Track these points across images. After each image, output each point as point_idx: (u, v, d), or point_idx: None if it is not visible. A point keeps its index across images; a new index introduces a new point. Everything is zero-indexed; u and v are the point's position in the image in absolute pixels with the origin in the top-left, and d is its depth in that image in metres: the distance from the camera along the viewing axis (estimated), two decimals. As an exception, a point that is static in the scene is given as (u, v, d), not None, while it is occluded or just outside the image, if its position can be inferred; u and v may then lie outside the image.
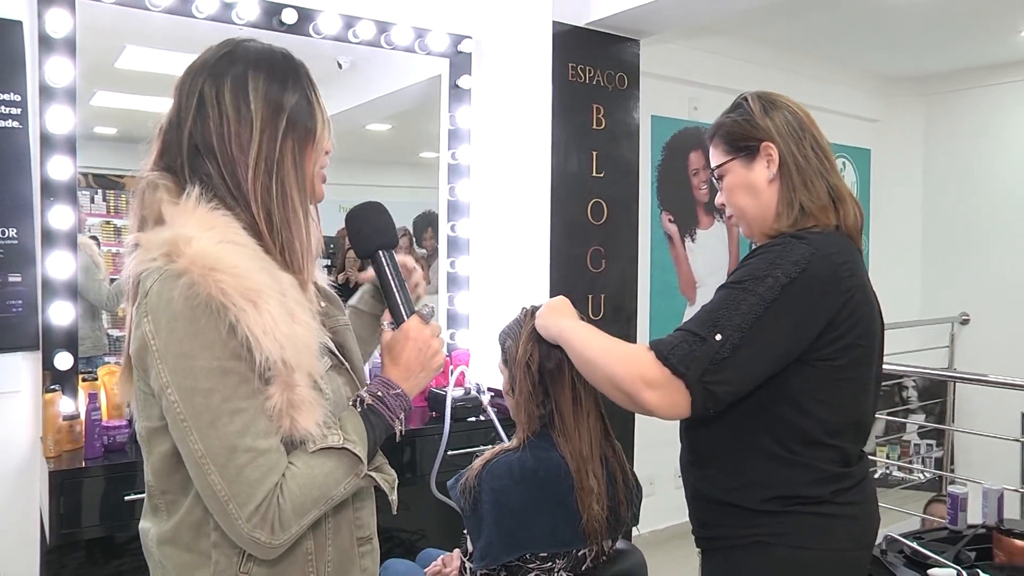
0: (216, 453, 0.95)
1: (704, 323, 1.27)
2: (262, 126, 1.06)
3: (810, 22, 4.22)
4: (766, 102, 1.45)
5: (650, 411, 1.28)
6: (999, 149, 5.07)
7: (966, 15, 4.14)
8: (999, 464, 3.40)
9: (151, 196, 1.06)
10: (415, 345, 1.15)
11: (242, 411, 0.96)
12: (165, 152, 1.09)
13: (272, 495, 0.97)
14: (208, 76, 1.07)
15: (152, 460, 1.06)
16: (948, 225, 5.28)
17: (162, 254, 0.98)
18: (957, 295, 5.15)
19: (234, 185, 1.05)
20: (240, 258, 0.99)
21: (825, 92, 4.80)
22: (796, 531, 1.33)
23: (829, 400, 1.32)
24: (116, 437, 2.17)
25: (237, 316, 0.95)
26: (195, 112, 1.06)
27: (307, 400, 1.00)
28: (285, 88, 1.09)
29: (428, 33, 3.02)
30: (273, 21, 2.64)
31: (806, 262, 1.27)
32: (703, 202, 4.53)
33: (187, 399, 0.95)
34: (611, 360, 1.33)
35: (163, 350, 0.96)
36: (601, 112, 3.13)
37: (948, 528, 2.04)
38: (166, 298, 0.96)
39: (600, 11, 2.99)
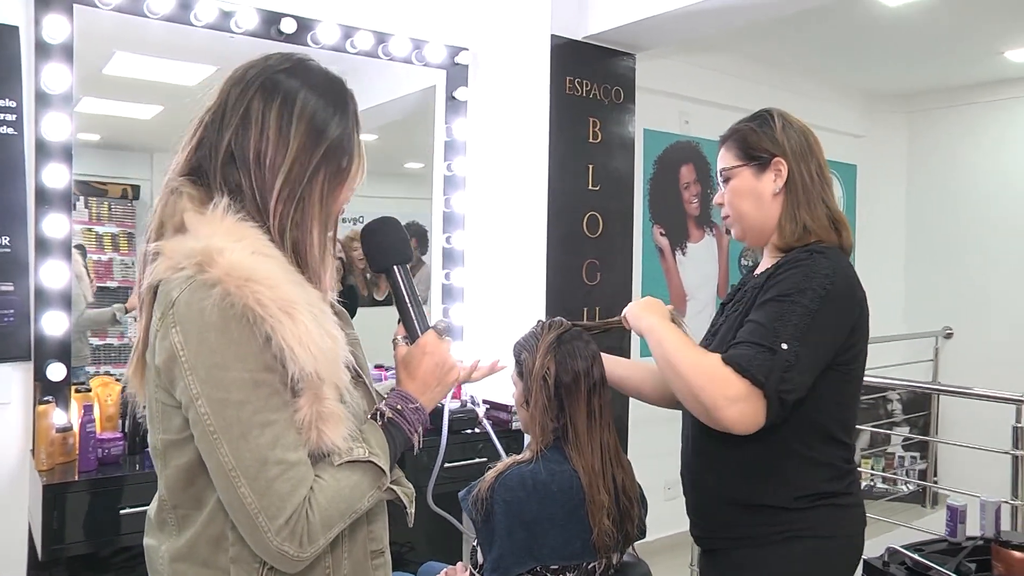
0: (247, 465, 0.94)
1: (766, 335, 1.35)
2: (297, 153, 1.05)
3: (800, 40, 4.28)
4: (786, 120, 1.55)
5: (727, 427, 1.34)
6: (981, 165, 5.16)
7: (950, 35, 4.22)
8: (983, 476, 3.44)
9: (174, 203, 1.05)
10: (432, 360, 1.16)
11: (273, 423, 0.96)
12: (199, 148, 1.08)
13: (301, 508, 0.96)
14: (260, 89, 1.06)
15: (167, 473, 1.04)
16: (931, 240, 5.36)
17: (192, 264, 0.96)
18: (940, 309, 5.22)
19: (261, 201, 1.05)
20: (274, 270, 0.98)
21: (812, 108, 4.86)
22: (821, 523, 1.44)
23: (841, 400, 1.46)
24: (111, 450, 2.14)
25: (273, 327, 0.94)
26: (239, 122, 1.05)
27: (335, 413, 1.00)
28: (330, 120, 1.08)
29: (425, 44, 3.02)
30: (272, 30, 2.62)
31: (834, 275, 1.40)
32: (694, 216, 4.56)
33: (218, 411, 0.94)
34: (696, 374, 1.36)
35: (193, 361, 0.95)
36: (597, 125, 3.15)
37: (947, 540, 2.08)
38: (196, 308, 0.95)
39: (598, 25, 3.01)
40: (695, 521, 1.60)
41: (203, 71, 2.78)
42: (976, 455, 3.61)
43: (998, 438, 3.03)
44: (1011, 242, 4.98)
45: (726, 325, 1.55)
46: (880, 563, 1.92)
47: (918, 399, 5.03)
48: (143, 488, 2.07)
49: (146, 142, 2.81)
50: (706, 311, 4.65)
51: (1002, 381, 4.13)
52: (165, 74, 2.76)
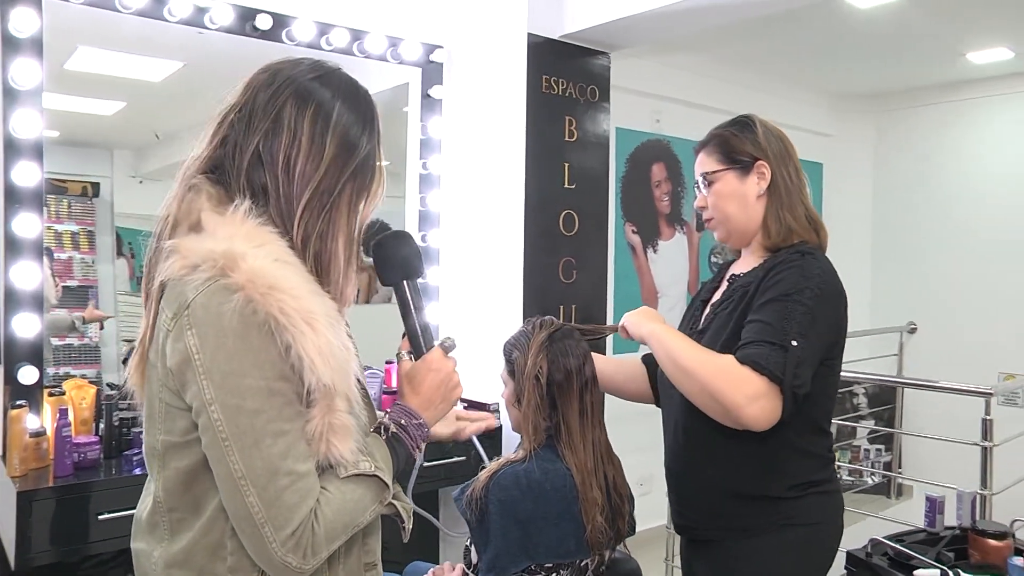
0: (257, 475, 0.93)
1: (776, 334, 1.40)
2: (329, 163, 1.04)
3: (771, 42, 4.33)
4: (766, 126, 1.62)
5: (748, 424, 1.38)
6: (945, 165, 5.28)
7: (916, 38, 4.31)
8: (946, 467, 3.53)
9: (191, 200, 1.03)
10: (437, 377, 1.17)
11: (285, 433, 0.95)
12: (222, 145, 1.06)
13: (308, 520, 0.95)
14: (294, 94, 1.05)
15: (165, 475, 1.02)
16: (896, 237, 5.47)
17: (212, 266, 0.95)
18: (905, 305, 5.34)
19: (286, 207, 1.03)
20: (296, 279, 0.98)
21: (781, 107, 4.93)
22: (810, 511, 1.52)
23: (826, 391, 1.54)
24: (87, 454, 2.09)
25: (294, 337, 0.93)
26: (270, 125, 1.03)
27: (345, 425, 0.99)
28: (363, 133, 1.08)
29: (401, 42, 3.00)
30: (247, 26, 2.59)
31: (825, 275, 1.48)
32: (665, 214, 4.60)
33: (231, 418, 0.93)
34: (713, 376, 1.40)
35: (209, 365, 0.93)
36: (573, 124, 3.16)
37: (926, 531, 2.15)
38: (215, 312, 0.93)
39: (574, 24, 3.02)
40: (684, 513, 1.64)
41: (169, 67, 2.74)
42: (938, 447, 3.71)
43: (960, 430, 3.12)
44: (973, 239, 5.10)
45: (717, 322, 1.58)
46: (863, 554, 1.98)
47: (882, 393, 5.14)
48: (122, 493, 2.03)
49: (107, 139, 2.76)
50: (677, 308, 4.70)
51: (964, 375, 4.24)
52: (129, 70, 2.71)
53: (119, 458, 2.17)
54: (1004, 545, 1.92)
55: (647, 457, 2.48)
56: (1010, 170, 4.98)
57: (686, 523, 1.64)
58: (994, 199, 5.04)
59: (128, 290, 2.77)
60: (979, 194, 5.11)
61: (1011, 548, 1.93)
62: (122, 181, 2.76)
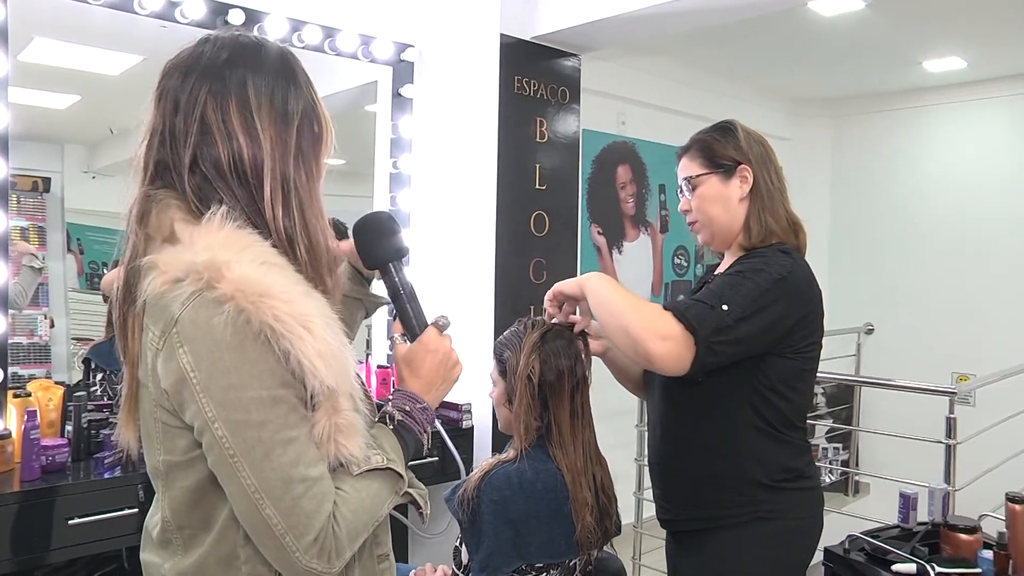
0: (271, 486, 0.90)
1: (711, 296, 1.44)
2: (272, 145, 0.99)
3: (735, 47, 4.41)
4: (747, 132, 1.67)
5: (654, 360, 1.40)
6: (900, 169, 5.43)
7: (875, 46, 4.42)
8: (904, 465, 3.62)
9: (161, 214, 0.98)
10: (435, 357, 1.14)
11: (293, 440, 0.92)
12: (161, 172, 1.00)
13: (328, 523, 0.93)
14: (209, 93, 0.98)
15: (171, 495, 1.00)
16: (853, 239, 5.60)
17: (198, 279, 0.91)
18: (862, 306, 5.46)
19: (252, 211, 0.99)
20: (286, 282, 0.94)
21: (742, 111, 4.98)
22: (789, 505, 1.55)
23: (799, 387, 1.57)
24: (55, 457, 2.03)
25: (292, 343, 0.90)
26: (198, 137, 0.98)
27: (352, 424, 0.97)
28: (288, 94, 1.02)
29: (373, 40, 2.98)
30: (218, 21, 2.54)
31: (791, 266, 1.53)
32: (630, 215, 4.65)
33: (237, 433, 0.90)
34: (630, 312, 1.43)
35: (207, 383, 0.90)
36: (544, 125, 3.17)
37: (900, 526, 2.21)
38: (204, 326, 0.90)
39: (546, 26, 3.03)
40: (666, 507, 1.67)
41: (127, 60, 2.68)
42: (894, 445, 3.81)
43: (917, 428, 3.21)
44: (928, 242, 5.26)
45: None
46: (841, 550, 2.02)
47: (840, 392, 5.26)
48: (92, 497, 1.99)
49: (59, 133, 2.70)
50: (642, 309, 4.74)
51: (919, 375, 4.36)
52: (87, 62, 2.64)
53: (88, 461, 2.12)
54: (974, 539, 1.98)
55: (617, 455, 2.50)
56: (962, 175, 5.15)
57: (669, 516, 1.67)
58: (947, 203, 5.20)
59: (78, 287, 2.70)
60: (933, 198, 5.26)
61: (980, 542, 1.99)
62: (74, 176, 2.70)
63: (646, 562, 3.41)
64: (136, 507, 2.05)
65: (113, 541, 2.03)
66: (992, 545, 2.00)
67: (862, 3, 3.62)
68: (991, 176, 5.04)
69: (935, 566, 1.83)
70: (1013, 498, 2.00)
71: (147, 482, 2.05)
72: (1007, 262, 4.93)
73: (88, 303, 2.75)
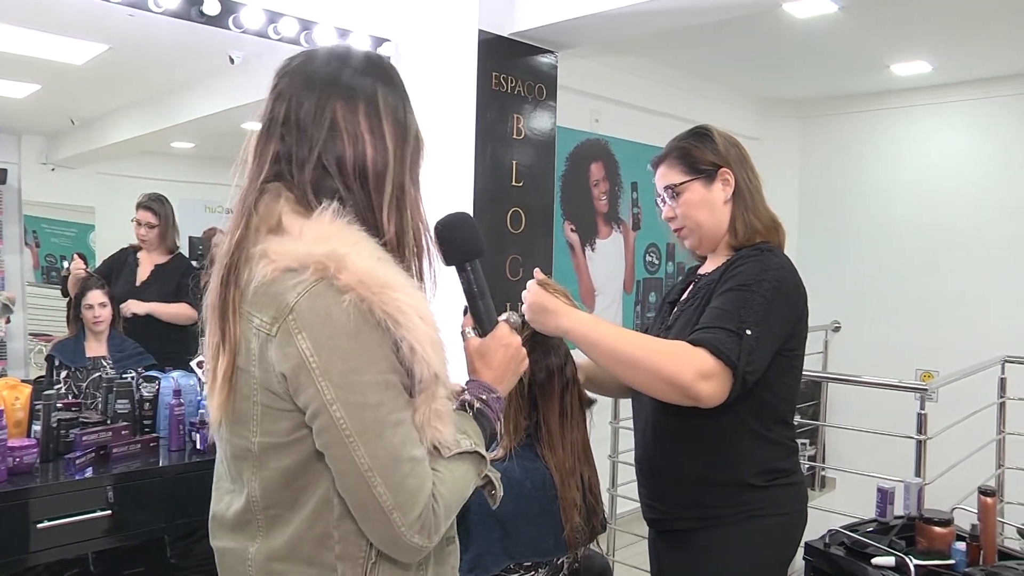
0: (383, 464, 0.96)
1: (732, 321, 1.44)
2: (394, 154, 1.07)
3: (708, 47, 4.45)
4: (724, 135, 1.68)
5: (701, 401, 1.41)
6: (866, 170, 5.52)
7: (845, 48, 4.49)
8: (868, 459, 3.70)
9: (271, 205, 1.03)
10: (508, 351, 1.21)
11: (402, 422, 0.98)
12: (277, 163, 1.05)
13: (429, 501, 0.99)
14: (340, 95, 1.05)
15: (263, 475, 1.04)
16: (821, 238, 5.68)
17: (319, 268, 0.96)
18: (829, 304, 5.55)
19: (366, 207, 1.05)
20: (401, 276, 1.00)
21: (712, 110, 5.06)
22: (776, 501, 1.56)
23: (789, 383, 1.59)
24: (23, 458, 1.97)
25: (409, 332, 0.96)
26: (327, 133, 1.04)
27: (447, 411, 1.03)
28: (406, 109, 1.10)
29: (349, 34, 2.95)
30: (192, 11, 2.49)
31: (782, 270, 1.53)
32: (602, 212, 4.66)
33: (355, 414, 0.96)
34: (661, 359, 1.42)
35: (326, 367, 0.95)
36: (520, 122, 3.16)
37: (877, 520, 2.25)
38: (323, 313, 0.95)
39: (524, 23, 3.03)
40: (655, 505, 1.66)
41: (92, 49, 2.62)
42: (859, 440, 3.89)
43: (883, 423, 3.28)
44: (893, 242, 5.36)
45: (683, 318, 1.62)
46: (822, 544, 2.05)
47: (807, 389, 5.33)
48: (63, 499, 1.93)
49: (16, 123, 2.62)
50: (614, 306, 4.77)
51: (884, 371, 4.46)
52: (49, 51, 2.57)
53: (58, 462, 2.06)
54: (948, 532, 2.02)
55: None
56: (927, 176, 5.25)
57: (658, 516, 1.67)
58: (912, 203, 5.30)
59: (34, 281, 2.64)
60: (898, 198, 5.36)
61: (953, 534, 2.04)
62: (32, 168, 2.64)
63: (620, 558, 3.43)
64: (107, 509, 2.01)
65: (83, 544, 1.99)
66: (965, 537, 2.05)
67: (835, 6, 3.66)
68: (954, 177, 5.15)
69: (912, 558, 1.86)
70: (985, 491, 2.05)
71: (117, 483, 2.03)
72: (968, 262, 5.05)
73: (45, 297, 2.70)
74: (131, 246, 2.84)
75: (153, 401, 2.43)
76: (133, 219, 2.82)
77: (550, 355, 1.59)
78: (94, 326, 2.59)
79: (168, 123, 3.06)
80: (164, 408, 2.43)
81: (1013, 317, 4.83)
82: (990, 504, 2.02)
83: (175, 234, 2.87)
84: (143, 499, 2.12)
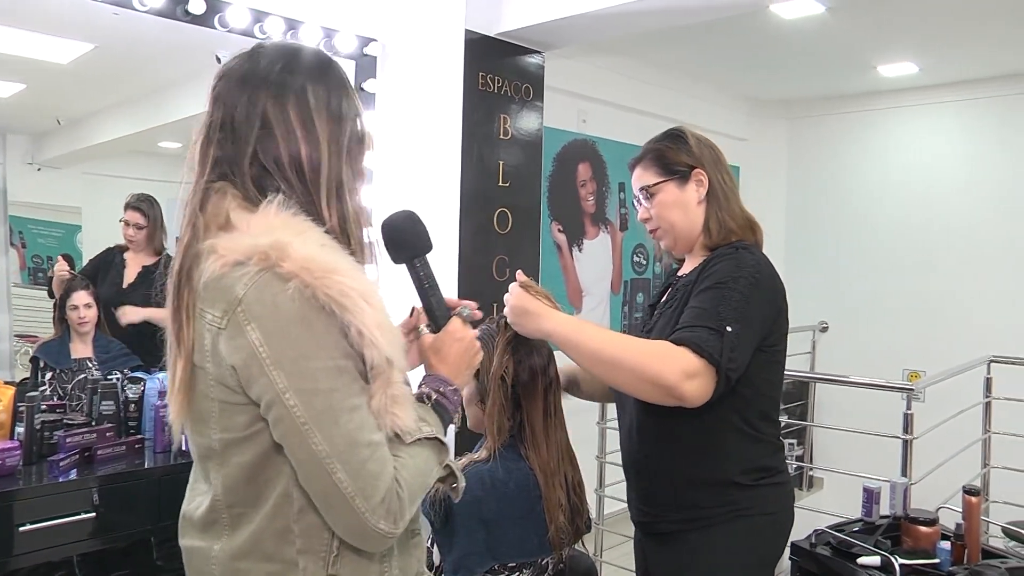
0: (340, 450, 0.96)
1: (712, 319, 1.44)
2: (328, 146, 1.08)
3: (696, 48, 4.46)
4: (697, 136, 1.69)
5: (686, 400, 1.41)
6: (854, 171, 5.55)
7: (832, 49, 4.51)
8: (855, 459, 3.72)
9: (218, 203, 1.04)
10: (461, 345, 1.22)
11: (358, 407, 0.98)
12: (218, 165, 1.07)
13: (392, 486, 0.99)
14: (269, 92, 1.06)
15: (226, 472, 1.03)
16: (808, 239, 5.71)
17: (263, 259, 0.96)
18: (817, 304, 5.57)
19: (307, 201, 1.06)
20: (346, 261, 1.01)
21: (701, 111, 5.08)
22: (763, 501, 1.57)
23: (770, 379, 1.60)
24: (6, 461, 1.96)
25: (356, 316, 0.97)
26: (259, 131, 1.06)
27: (405, 395, 1.03)
28: (342, 98, 1.11)
29: (336, 34, 2.93)
30: (178, 10, 2.47)
31: (758, 266, 1.55)
32: (590, 213, 4.66)
33: (308, 401, 0.96)
34: (645, 359, 1.42)
35: (277, 356, 0.95)
36: (507, 122, 3.16)
37: (863, 520, 2.26)
38: (270, 303, 0.96)
39: (511, 23, 3.03)
40: (643, 507, 1.67)
41: (78, 48, 2.60)
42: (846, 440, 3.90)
43: (869, 423, 3.30)
44: (880, 242, 5.39)
45: (662, 321, 1.63)
46: (808, 544, 2.06)
47: (795, 389, 5.35)
48: (46, 501, 1.92)
49: (1, 122, 2.59)
50: (601, 306, 4.77)
51: (871, 372, 4.48)
52: (34, 49, 2.55)
53: (42, 464, 2.05)
54: (933, 531, 2.03)
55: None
56: (913, 177, 5.28)
57: (646, 518, 1.67)
58: (899, 204, 5.33)
59: (20, 282, 2.62)
60: (885, 199, 5.39)
61: (938, 533, 2.05)
62: (17, 168, 2.61)
63: (607, 558, 3.43)
64: (92, 511, 1.99)
65: (67, 548, 1.97)
66: (949, 536, 2.06)
67: (822, 7, 3.68)
68: (941, 178, 5.18)
69: (897, 558, 1.87)
70: (970, 490, 2.06)
71: (102, 485, 2.01)
72: (955, 262, 5.08)
73: (31, 298, 2.67)
74: (117, 246, 2.82)
75: (138, 402, 2.42)
76: (121, 220, 2.81)
77: (533, 355, 1.59)
78: (79, 327, 2.57)
79: (155, 123, 3.04)
80: (149, 409, 2.42)
81: (999, 317, 4.86)
82: (974, 503, 2.03)
83: (163, 235, 2.86)
84: (129, 501, 2.11)
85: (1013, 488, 3.67)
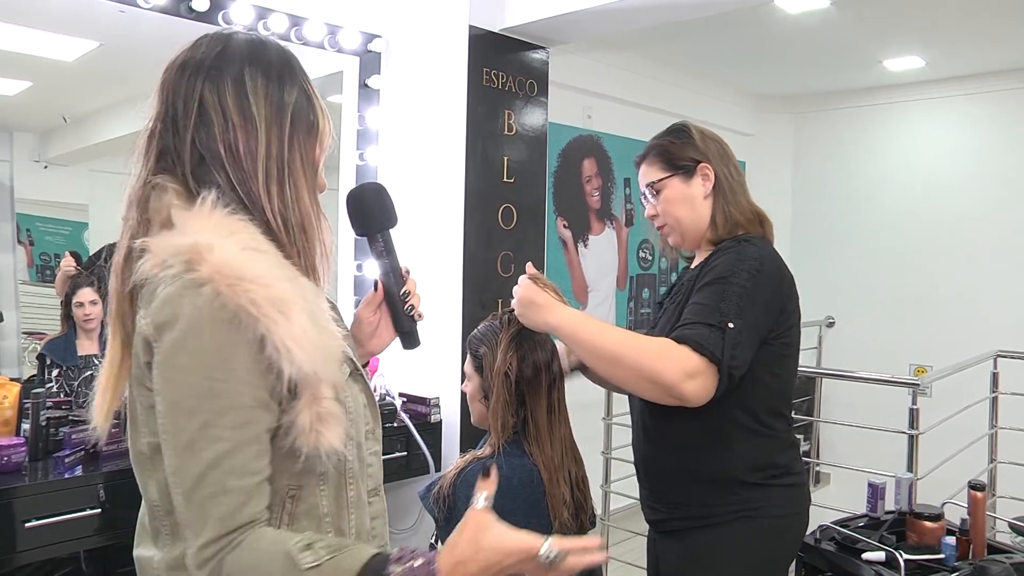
0: (184, 476, 0.91)
1: (713, 315, 1.43)
2: (267, 129, 1.02)
3: (701, 44, 4.45)
4: (702, 131, 1.68)
5: (687, 400, 1.39)
6: (860, 165, 5.52)
7: (837, 44, 4.49)
8: (862, 454, 3.71)
9: (159, 199, 1.01)
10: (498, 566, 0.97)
11: (220, 440, 0.90)
12: (162, 157, 1.03)
13: (224, 541, 0.90)
14: (206, 79, 1.02)
15: (158, 478, 0.99)
16: (814, 234, 5.69)
17: (181, 261, 0.92)
18: (823, 299, 5.55)
19: (245, 192, 1.01)
20: (266, 266, 0.95)
21: (706, 107, 5.06)
22: (773, 502, 1.55)
23: (780, 372, 1.57)
24: (11, 457, 1.96)
25: (268, 328, 0.90)
26: (196, 119, 1.01)
27: (333, 413, 0.96)
28: (284, 84, 1.05)
29: (340, 30, 2.94)
30: (182, 7, 2.48)
31: (761, 257, 1.52)
32: (595, 209, 4.66)
33: (168, 412, 0.92)
34: (645, 356, 1.41)
35: (165, 359, 0.92)
36: (512, 118, 3.15)
37: (868, 515, 2.25)
38: (176, 306, 0.91)
39: (515, 18, 3.02)
40: (654, 505, 1.66)
41: (83, 46, 2.60)
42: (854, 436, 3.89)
43: (875, 418, 3.29)
44: (887, 236, 5.37)
45: (664, 317, 1.63)
46: (813, 540, 2.06)
47: (801, 385, 5.33)
48: (51, 498, 1.92)
49: (8, 120, 2.60)
50: (606, 302, 4.77)
51: (877, 367, 4.46)
52: (39, 47, 2.55)
53: (47, 460, 2.05)
54: (938, 526, 2.03)
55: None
56: (920, 172, 5.26)
57: (657, 516, 1.66)
58: (905, 199, 5.31)
59: (28, 279, 2.63)
60: (891, 194, 5.37)
61: (944, 529, 2.04)
62: (24, 165, 2.62)
63: (613, 554, 3.44)
64: (97, 507, 2.00)
65: (72, 543, 1.97)
66: (955, 531, 2.05)
67: (827, 1, 3.67)
68: (948, 172, 5.16)
69: (902, 553, 1.86)
70: (975, 485, 2.05)
71: (108, 481, 2.02)
72: (961, 257, 5.06)
73: (39, 296, 2.68)
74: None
75: (144, 399, 2.42)
76: (127, 216, 2.81)
77: (536, 351, 1.59)
78: (85, 324, 2.58)
79: (160, 120, 3.04)
80: (155, 406, 2.42)
81: (1006, 312, 4.84)
82: (979, 498, 2.03)
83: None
84: (134, 497, 2.10)
85: (1020, 483, 3.66)
